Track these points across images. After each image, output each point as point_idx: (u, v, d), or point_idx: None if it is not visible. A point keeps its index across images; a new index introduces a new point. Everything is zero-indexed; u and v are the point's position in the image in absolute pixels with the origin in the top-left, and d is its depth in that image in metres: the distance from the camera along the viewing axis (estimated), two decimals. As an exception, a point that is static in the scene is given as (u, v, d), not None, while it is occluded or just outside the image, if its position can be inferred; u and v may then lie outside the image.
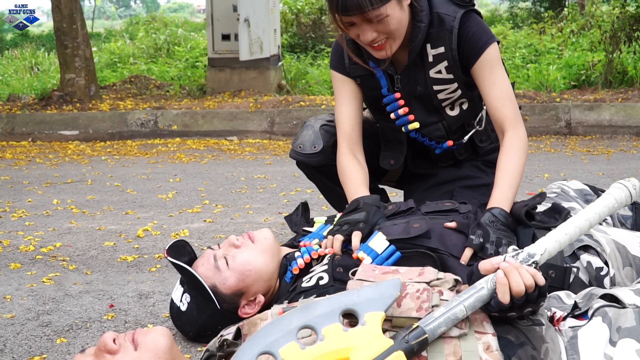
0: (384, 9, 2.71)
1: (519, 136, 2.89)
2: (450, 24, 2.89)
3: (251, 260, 2.70)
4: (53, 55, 14.41)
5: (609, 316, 2.13)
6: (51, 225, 4.54)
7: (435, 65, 2.96)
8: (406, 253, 2.64)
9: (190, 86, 10.74)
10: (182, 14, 42.18)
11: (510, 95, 2.95)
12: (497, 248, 2.59)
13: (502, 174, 2.83)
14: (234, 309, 2.70)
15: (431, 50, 2.95)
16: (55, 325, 2.97)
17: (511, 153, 2.86)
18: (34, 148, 8.05)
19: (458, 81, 2.99)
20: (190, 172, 6.31)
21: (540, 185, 5.24)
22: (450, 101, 3.07)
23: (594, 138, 7.69)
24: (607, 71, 9.41)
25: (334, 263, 2.67)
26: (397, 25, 2.78)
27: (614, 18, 9.78)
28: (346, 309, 1.95)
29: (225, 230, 4.30)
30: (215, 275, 2.68)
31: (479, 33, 2.91)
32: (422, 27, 2.88)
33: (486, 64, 2.91)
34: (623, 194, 2.37)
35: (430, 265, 2.58)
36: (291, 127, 8.34)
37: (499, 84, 2.93)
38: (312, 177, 3.49)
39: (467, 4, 2.92)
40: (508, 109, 2.91)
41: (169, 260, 2.68)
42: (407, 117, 3.11)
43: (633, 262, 2.61)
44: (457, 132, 3.19)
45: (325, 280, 2.60)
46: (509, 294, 1.98)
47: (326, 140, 3.30)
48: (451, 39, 2.90)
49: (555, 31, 12.48)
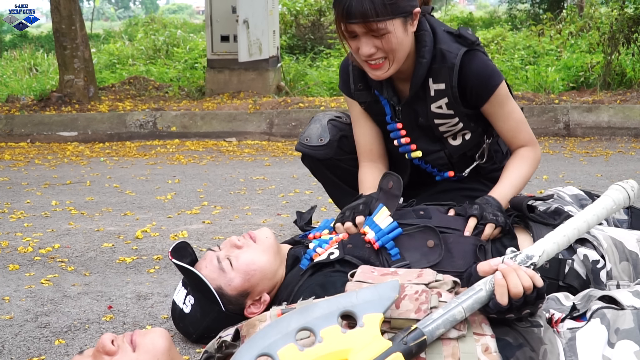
0: (388, 24, 2.71)
1: (533, 151, 2.99)
2: (451, 61, 2.89)
3: (255, 260, 2.70)
4: (52, 57, 14.42)
5: (607, 318, 2.13)
6: (50, 227, 4.54)
7: (437, 100, 2.98)
8: (408, 230, 2.70)
9: (189, 87, 10.75)
10: (181, 15, 42.19)
11: (524, 121, 3.02)
12: (495, 217, 2.68)
13: (507, 174, 2.93)
14: (240, 309, 2.70)
15: (433, 85, 2.96)
16: (53, 326, 2.97)
17: (522, 160, 2.96)
18: (32, 149, 8.05)
19: (459, 116, 3.00)
20: (189, 174, 6.31)
21: (539, 186, 5.24)
22: (452, 132, 3.08)
23: (592, 140, 7.69)
24: (606, 73, 9.42)
25: (343, 242, 2.74)
26: (397, 46, 2.78)
27: (612, 20, 9.78)
28: (345, 311, 1.95)
29: (224, 231, 4.30)
30: (220, 276, 2.68)
31: (485, 75, 2.90)
32: (424, 62, 2.89)
33: (497, 102, 2.95)
34: (621, 195, 2.38)
35: (432, 238, 2.66)
36: (290, 128, 8.34)
37: (512, 117, 2.98)
38: (317, 171, 3.50)
39: (471, 44, 2.92)
40: (523, 136, 3.00)
41: (173, 262, 2.68)
42: (409, 146, 3.14)
43: (630, 257, 2.62)
44: (459, 162, 3.20)
45: (336, 254, 2.65)
46: (507, 295, 1.98)
47: (333, 134, 3.33)
48: (452, 77, 2.90)
49: (553, 33, 12.48)
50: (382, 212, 2.74)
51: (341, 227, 2.82)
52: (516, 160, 2.96)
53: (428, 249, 2.63)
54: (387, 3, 2.67)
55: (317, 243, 2.82)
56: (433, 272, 2.25)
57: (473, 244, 2.66)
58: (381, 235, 2.67)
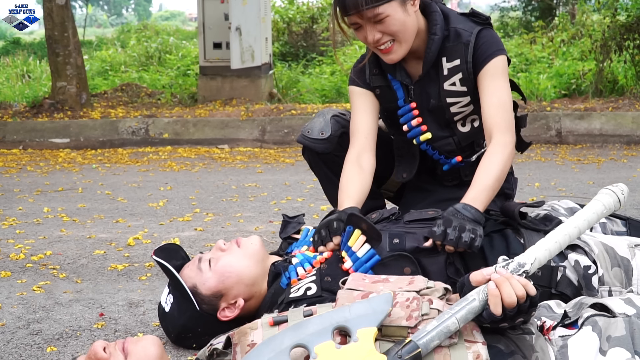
0: (382, 9, 2.79)
1: (504, 143, 2.90)
2: (467, 38, 2.96)
3: (233, 263, 2.72)
4: (44, 63, 14.41)
5: (599, 325, 2.14)
6: (42, 234, 4.53)
7: (450, 77, 3.01)
8: (384, 259, 2.69)
9: (182, 94, 10.74)
10: (174, 22, 42.22)
11: (507, 105, 2.97)
12: (460, 233, 2.61)
13: (479, 176, 2.85)
14: (214, 311, 2.71)
15: (446, 64, 3.00)
16: (45, 333, 2.96)
17: (492, 157, 2.87)
18: (24, 156, 8.03)
19: (471, 95, 3.03)
20: (181, 181, 6.31)
21: (531, 194, 5.25)
22: (462, 116, 3.09)
23: (584, 147, 7.71)
24: (598, 80, 9.43)
25: (321, 273, 2.69)
26: (400, 27, 2.85)
27: (604, 27, 9.81)
28: (338, 326, 1.95)
29: (216, 238, 4.29)
30: (197, 276, 2.71)
31: (489, 43, 2.97)
32: (436, 39, 2.96)
33: (490, 72, 2.96)
34: (611, 199, 2.36)
35: (408, 265, 2.65)
36: (282, 135, 8.34)
37: (497, 94, 2.95)
38: (315, 166, 3.50)
39: (484, 22, 2.98)
40: (500, 118, 2.93)
41: (153, 259, 2.71)
42: (419, 127, 3.15)
43: (621, 263, 2.62)
44: (467, 150, 3.22)
45: (314, 290, 2.62)
46: (501, 305, 1.98)
47: (334, 130, 3.34)
48: (467, 52, 2.97)
49: (545, 40, 12.50)
50: (356, 235, 2.72)
51: (324, 248, 2.80)
52: (487, 159, 2.88)
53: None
54: None
55: (300, 259, 2.81)
56: (424, 279, 2.26)
57: (444, 262, 2.67)
58: (359, 265, 2.66)
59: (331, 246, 2.77)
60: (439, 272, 2.65)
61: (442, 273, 2.65)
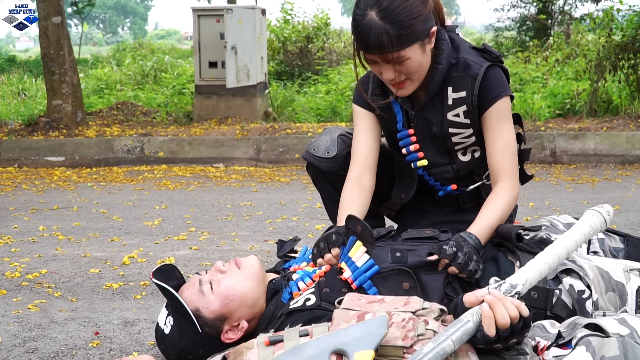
0: (404, 52, 2.76)
1: (510, 188, 2.94)
2: (476, 71, 2.94)
3: (235, 286, 2.71)
4: (40, 81, 14.44)
5: (592, 345, 2.14)
6: (37, 252, 4.53)
7: (454, 108, 3.00)
8: (382, 272, 2.68)
9: (177, 113, 10.76)
10: (170, 41, 42.26)
11: (513, 150, 3.00)
12: (468, 260, 2.63)
13: (484, 213, 2.88)
14: (217, 333, 2.71)
15: (452, 94, 2.99)
16: (41, 351, 2.96)
17: (498, 199, 2.90)
18: (20, 174, 8.04)
19: (474, 127, 3.03)
20: (176, 199, 6.32)
21: (525, 214, 5.26)
22: (463, 146, 3.09)
23: (578, 167, 7.73)
24: (592, 100, 9.47)
25: (320, 284, 2.70)
26: (417, 68, 2.84)
27: (599, 47, 9.85)
28: (336, 349, 1.96)
29: (211, 257, 4.30)
30: (199, 299, 2.70)
31: (495, 83, 2.95)
32: (440, 69, 2.94)
33: (495, 113, 2.96)
34: (598, 220, 2.42)
35: (407, 281, 2.64)
36: (277, 154, 8.36)
37: (503, 137, 2.97)
38: (319, 183, 3.50)
39: (495, 59, 2.98)
40: (508, 162, 2.97)
41: (153, 281, 2.69)
42: (417, 153, 3.14)
43: (616, 288, 2.63)
44: (465, 179, 3.21)
45: (312, 301, 2.63)
46: (494, 326, 1.99)
47: (340, 149, 3.33)
48: (474, 85, 2.95)
49: (540, 60, 12.55)
50: (356, 246, 2.73)
51: (322, 261, 2.81)
52: (493, 199, 2.91)
53: (403, 291, 2.63)
54: (403, 34, 2.71)
55: (300, 274, 2.83)
56: (420, 299, 2.26)
57: (443, 280, 2.68)
58: (358, 274, 2.65)
59: (329, 257, 2.77)
60: (438, 289, 2.65)
61: (440, 291, 2.65)
